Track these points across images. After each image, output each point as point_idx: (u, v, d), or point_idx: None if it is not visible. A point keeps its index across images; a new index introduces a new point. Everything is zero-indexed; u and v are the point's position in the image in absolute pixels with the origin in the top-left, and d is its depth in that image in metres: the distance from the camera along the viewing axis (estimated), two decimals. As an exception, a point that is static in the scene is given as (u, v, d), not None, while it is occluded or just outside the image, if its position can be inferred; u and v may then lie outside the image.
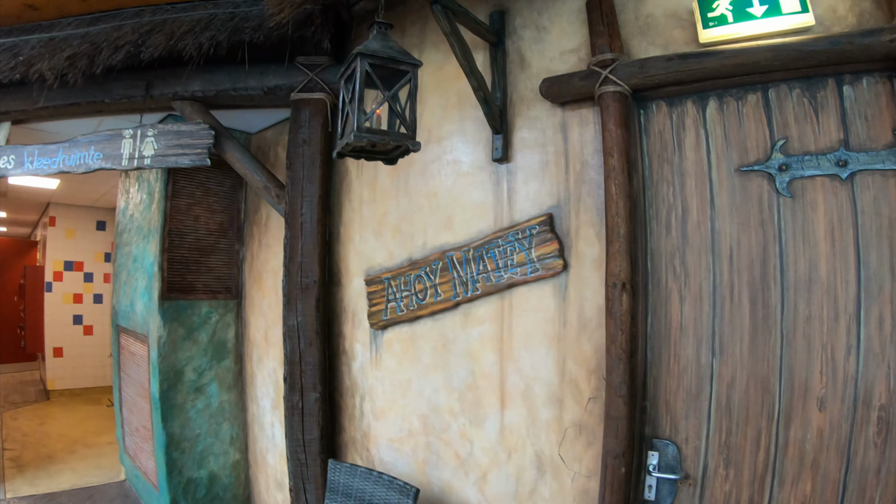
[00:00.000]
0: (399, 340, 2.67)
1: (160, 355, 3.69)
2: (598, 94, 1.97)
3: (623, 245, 1.86)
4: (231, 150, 3.16)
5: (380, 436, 2.76)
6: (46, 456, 5.93)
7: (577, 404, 2.04)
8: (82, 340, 8.98)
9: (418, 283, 2.55)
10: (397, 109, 1.79)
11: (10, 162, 3.57)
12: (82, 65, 3.11)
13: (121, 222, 4.82)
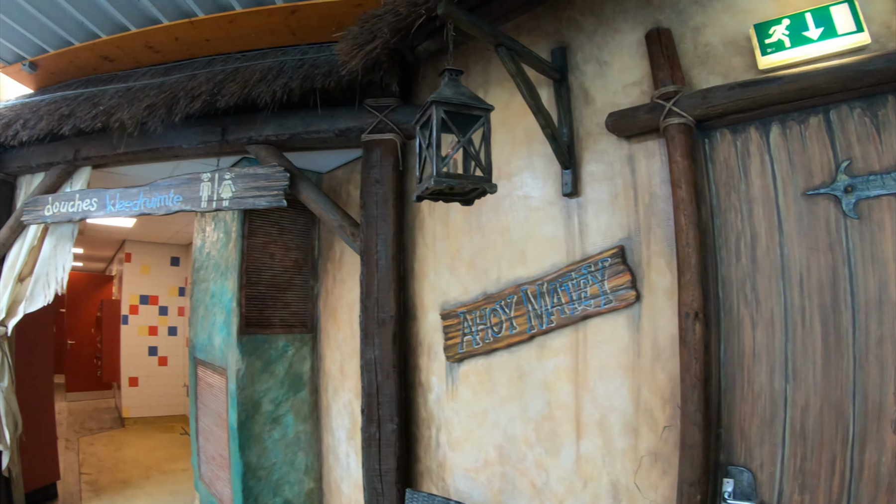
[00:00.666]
0: (475, 372, 2.85)
1: (239, 387, 4.00)
2: (662, 126, 2.12)
3: (694, 274, 1.99)
4: (306, 190, 3.45)
5: (455, 466, 2.93)
6: (122, 481, 6.38)
7: (652, 433, 2.16)
8: (157, 371, 9.74)
9: (494, 317, 2.73)
10: (472, 153, 1.99)
11: (92, 204, 3.97)
12: (161, 113, 3.47)
13: (197, 259, 5.23)
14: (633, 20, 2.38)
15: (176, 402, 9.87)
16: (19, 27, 3.79)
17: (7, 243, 4.49)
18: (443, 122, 1.91)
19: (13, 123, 4.04)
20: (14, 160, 4.49)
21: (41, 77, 4.44)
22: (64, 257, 4.43)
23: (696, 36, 2.18)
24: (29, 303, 4.42)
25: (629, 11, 2.39)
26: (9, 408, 4.45)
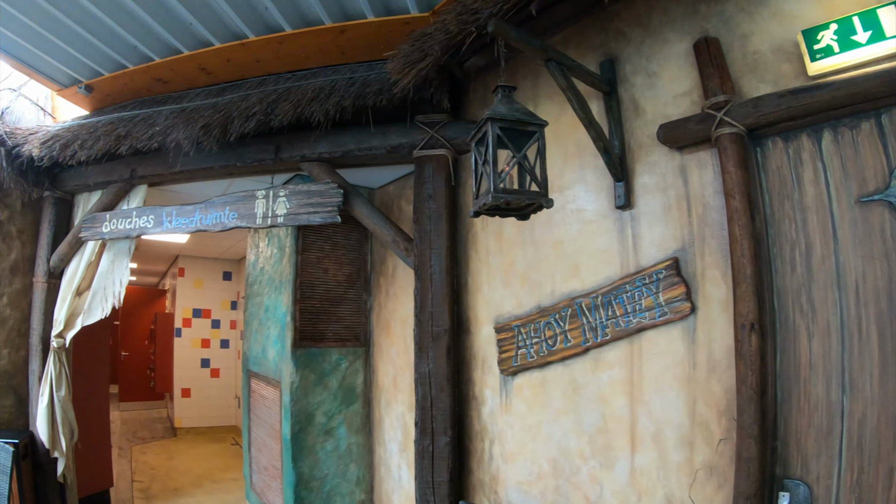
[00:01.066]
0: (529, 386, 2.93)
1: (292, 399, 4.19)
2: (714, 136, 2.18)
3: (750, 285, 2.04)
4: (359, 206, 3.61)
5: (508, 479, 3.01)
6: (174, 489, 6.67)
7: (707, 446, 2.20)
8: (209, 382, 10.24)
9: (548, 330, 2.81)
10: (527, 168, 2.09)
11: (149, 221, 4.23)
12: (216, 133, 3.66)
13: (251, 274, 5.48)
14: (680, 30, 2.44)
15: (227, 413, 10.35)
16: (75, 52, 4.02)
17: (66, 258, 4.80)
18: (498, 139, 2.02)
19: (71, 144, 4.29)
20: (72, 179, 4.82)
21: (96, 99, 4.70)
22: (121, 272, 4.68)
23: (745, 44, 2.23)
24: (87, 316, 4.69)
25: (676, 21, 2.46)
26: (65, 416, 4.70)
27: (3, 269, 4.92)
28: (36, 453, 4.66)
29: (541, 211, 2.20)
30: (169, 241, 8.32)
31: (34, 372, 4.84)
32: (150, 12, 3.48)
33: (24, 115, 4.88)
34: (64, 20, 3.60)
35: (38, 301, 4.90)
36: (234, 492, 6.59)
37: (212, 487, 6.80)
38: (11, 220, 5.00)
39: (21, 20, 3.61)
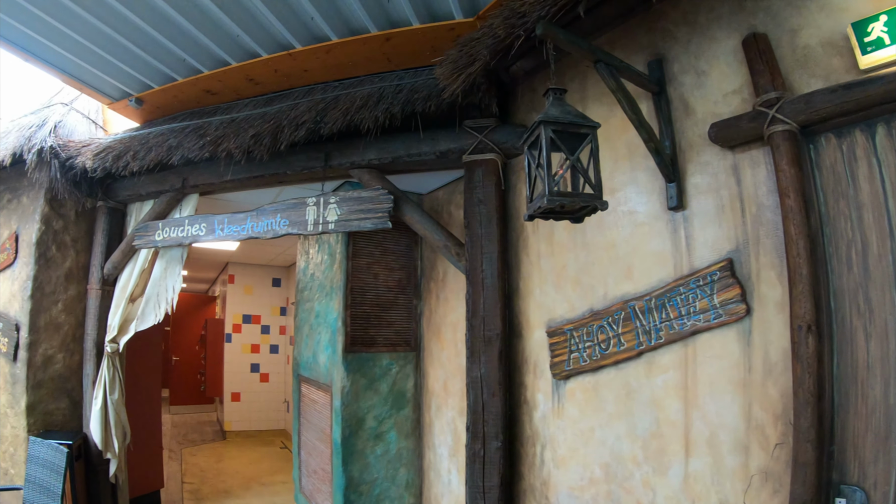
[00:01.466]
0: (582, 390, 2.99)
1: (343, 404, 4.36)
2: (766, 134, 2.20)
3: (806, 286, 2.05)
4: (409, 212, 3.73)
5: (559, 483, 3.07)
6: (223, 491, 6.94)
7: (762, 450, 2.22)
8: (258, 387, 10.68)
9: (601, 334, 2.86)
10: (581, 170, 2.15)
11: (201, 229, 4.43)
12: (266, 142, 3.84)
13: (301, 280, 5.69)
14: (727, 27, 2.48)
15: (276, 417, 10.79)
16: (125, 66, 4.24)
17: (119, 266, 5.08)
18: (551, 141, 2.09)
19: (123, 155, 4.53)
20: (124, 189, 5.09)
21: (147, 111, 4.94)
22: (174, 279, 4.92)
23: (793, 39, 2.25)
24: (140, 321, 4.95)
25: (723, 18, 2.50)
26: (118, 419, 4.96)
27: (59, 276, 5.23)
28: (89, 454, 4.94)
29: (595, 213, 2.25)
30: (219, 248, 8.65)
31: (88, 376, 5.10)
32: (197, 26, 3.66)
33: (77, 129, 5.16)
34: (114, 36, 3.81)
35: (93, 307, 5.17)
36: (282, 494, 6.83)
37: (260, 490, 7.06)
38: (66, 230, 5.31)
39: (72, 37, 3.84)
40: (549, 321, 3.20)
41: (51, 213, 5.20)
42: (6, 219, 5.53)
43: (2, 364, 5.26)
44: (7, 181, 5.60)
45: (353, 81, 4.11)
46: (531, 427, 3.30)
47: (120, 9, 3.51)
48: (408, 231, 4.64)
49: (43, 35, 3.85)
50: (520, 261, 3.46)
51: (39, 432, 4.90)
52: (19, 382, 5.03)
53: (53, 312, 5.19)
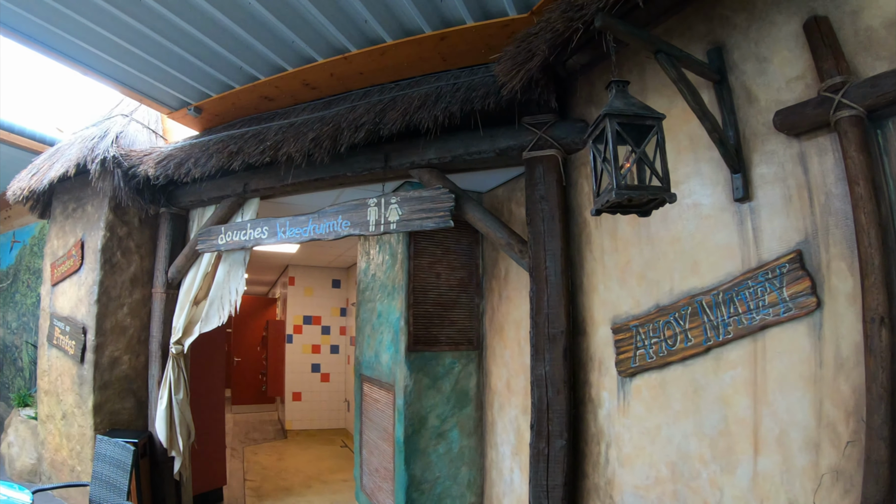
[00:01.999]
0: (648, 387, 3.01)
1: (406, 403, 4.49)
2: (833, 120, 2.18)
3: (879, 276, 2.03)
4: (471, 210, 3.82)
5: (624, 483, 3.11)
6: (284, 488, 7.19)
7: (833, 448, 2.20)
8: (319, 387, 11.13)
9: (667, 329, 2.89)
10: (648, 163, 2.18)
11: (263, 232, 4.63)
12: (326, 145, 3.99)
13: (362, 281, 5.86)
14: (786, 11, 2.46)
15: (336, 416, 11.20)
16: (183, 76, 4.46)
17: (183, 270, 5.38)
18: (617, 135, 2.13)
19: (185, 162, 4.80)
20: (186, 195, 5.40)
21: (205, 119, 5.18)
22: (237, 282, 5.18)
23: (855, 21, 2.22)
24: (204, 324, 5.23)
25: (781, 3, 2.48)
26: (183, 418, 5.24)
27: (124, 281, 5.59)
28: (154, 452, 5.25)
29: (662, 206, 2.29)
30: (279, 251, 8.98)
31: (153, 376, 5.44)
32: (253, 34, 3.83)
33: (137, 138, 5.51)
34: (171, 47, 4.02)
35: (158, 310, 5.51)
36: (343, 492, 7.04)
37: (321, 488, 7.30)
38: (130, 236, 5.67)
39: (130, 50, 4.06)
40: (613, 317, 3.23)
41: (115, 220, 5.55)
42: (72, 227, 5.91)
43: (69, 366, 5.61)
44: (72, 191, 5.97)
45: (408, 82, 4.23)
46: (596, 425, 3.34)
47: (176, 20, 3.70)
48: (469, 230, 4.72)
49: (101, 49, 4.09)
50: (583, 257, 3.51)
51: (106, 431, 5.22)
52: (86, 383, 5.35)
53: (119, 316, 5.52)
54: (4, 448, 6.98)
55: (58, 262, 6.00)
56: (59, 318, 5.82)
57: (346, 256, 9.95)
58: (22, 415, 7.05)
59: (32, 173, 5.88)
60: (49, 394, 5.93)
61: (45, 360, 6.06)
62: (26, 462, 6.50)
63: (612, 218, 3.25)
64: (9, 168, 7.21)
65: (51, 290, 6.11)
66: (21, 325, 9.21)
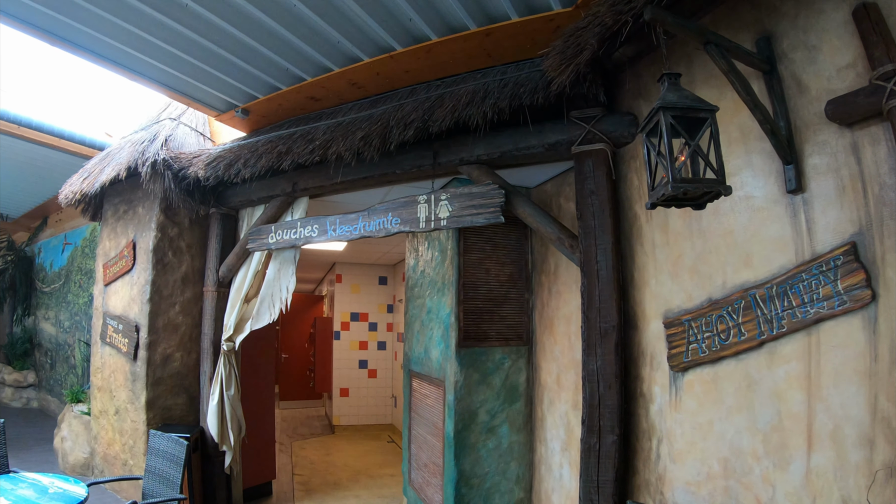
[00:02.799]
0: (700, 382, 3.07)
1: (456, 398, 4.62)
2: (885, 109, 2.19)
3: None
4: (521, 205, 3.93)
5: (675, 479, 3.17)
6: (332, 483, 7.46)
7: (888, 444, 2.22)
8: (366, 382, 11.50)
9: (720, 324, 2.93)
10: (702, 155, 2.24)
11: (314, 230, 4.84)
12: (375, 143, 4.16)
13: (411, 278, 6.03)
14: None
15: (384, 411, 11.58)
16: (229, 78, 4.66)
17: (233, 269, 5.66)
18: (671, 127, 2.19)
19: (234, 163, 5.05)
20: (236, 196, 5.69)
21: (253, 121, 5.44)
22: (287, 279, 5.41)
23: None
24: (255, 321, 5.50)
25: None
26: (234, 413, 5.52)
27: (175, 280, 5.90)
28: (205, 447, 5.55)
29: (717, 199, 2.35)
30: (326, 249, 9.26)
31: (205, 373, 5.71)
32: (299, 35, 3.99)
33: (186, 141, 5.82)
34: (217, 50, 4.21)
35: (209, 308, 5.80)
36: (390, 486, 7.28)
37: (368, 482, 7.53)
38: (181, 237, 6.00)
39: (176, 54, 4.27)
40: (665, 312, 3.30)
41: (166, 221, 5.89)
42: (123, 228, 6.29)
43: (122, 363, 5.96)
44: (123, 194, 6.35)
45: (454, 79, 4.34)
46: (647, 420, 3.41)
47: (221, 24, 3.88)
48: (518, 225, 4.83)
49: (149, 55, 4.31)
50: (633, 251, 3.58)
51: (158, 426, 5.57)
52: (139, 380, 5.69)
53: (171, 314, 5.86)
54: (58, 443, 7.45)
55: (110, 263, 6.36)
56: (112, 317, 6.16)
57: (393, 254, 10.19)
58: (75, 410, 7.52)
59: (84, 177, 6.22)
60: (102, 390, 6.28)
61: (99, 357, 6.39)
62: (79, 456, 6.93)
63: (664, 211, 3.31)
64: (60, 172, 7.63)
65: (103, 290, 6.45)
66: (73, 324, 9.67)
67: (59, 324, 10.21)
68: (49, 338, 10.64)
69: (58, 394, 9.85)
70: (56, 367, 10.17)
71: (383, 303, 11.91)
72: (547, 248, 4.74)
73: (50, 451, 7.68)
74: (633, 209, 3.60)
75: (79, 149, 7.83)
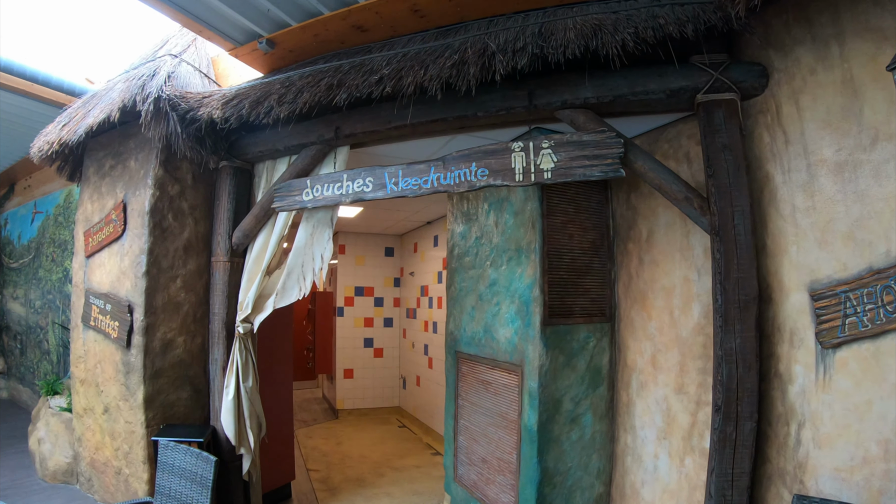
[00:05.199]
0: (857, 359, 3.14)
1: (541, 385, 4.59)
2: None
3: None
4: (640, 158, 3.82)
5: (820, 465, 3.26)
6: (355, 479, 7.48)
7: None
8: (372, 363, 11.65)
9: (886, 295, 3.01)
10: None
11: (367, 184, 4.42)
12: (473, 71, 3.75)
13: (458, 246, 5.97)
14: None
15: (390, 394, 11.76)
16: None
17: (251, 234, 5.20)
18: None
19: (263, 100, 4.51)
20: (255, 145, 5.20)
21: (275, 57, 5.05)
22: (322, 245, 5.01)
23: None
24: (280, 297, 5.06)
25: None
26: (253, 409, 5.12)
27: (177, 248, 5.38)
28: (219, 450, 5.10)
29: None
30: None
31: (216, 361, 5.27)
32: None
33: (190, 82, 5.25)
34: None
35: (220, 283, 5.31)
36: (421, 481, 7.36)
37: (395, 476, 7.61)
38: (182, 196, 5.47)
39: None
40: (811, 283, 3.36)
41: (165, 176, 5.35)
42: (110, 187, 5.74)
43: (111, 351, 5.48)
44: (109, 146, 5.83)
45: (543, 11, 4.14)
46: (783, 404, 3.49)
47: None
48: (598, 186, 4.86)
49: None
50: (765, 215, 3.63)
51: (160, 428, 5.15)
52: (134, 371, 5.20)
53: (172, 290, 5.36)
54: (34, 444, 7.02)
55: (93, 230, 5.84)
56: (96, 296, 5.69)
57: (407, 222, 10.20)
58: (53, 406, 7.15)
59: (63, 123, 5.69)
60: (86, 384, 5.85)
61: (81, 344, 5.94)
62: (61, 461, 6.48)
63: (807, 173, 3.38)
64: (30, 128, 7.27)
65: (85, 263, 5.97)
66: (46, 304, 9.47)
67: (29, 304, 10.05)
68: (18, 319, 10.46)
69: (30, 383, 9.72)
70: (27, 353, 10.01)
71: (390, 276, 11.97)
72: (636, 213, 4.78)
73: (24, 454, 7.43)
74: (763, 169, 3.64)
75: (55, 95, 7.11)
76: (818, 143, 3.33)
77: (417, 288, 10.94)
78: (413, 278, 11.23)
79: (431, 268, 10.19)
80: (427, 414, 10.21)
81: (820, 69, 3.33)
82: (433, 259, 10.11)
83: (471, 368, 5.65)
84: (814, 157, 3.35)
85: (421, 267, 10.76)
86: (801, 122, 3.41)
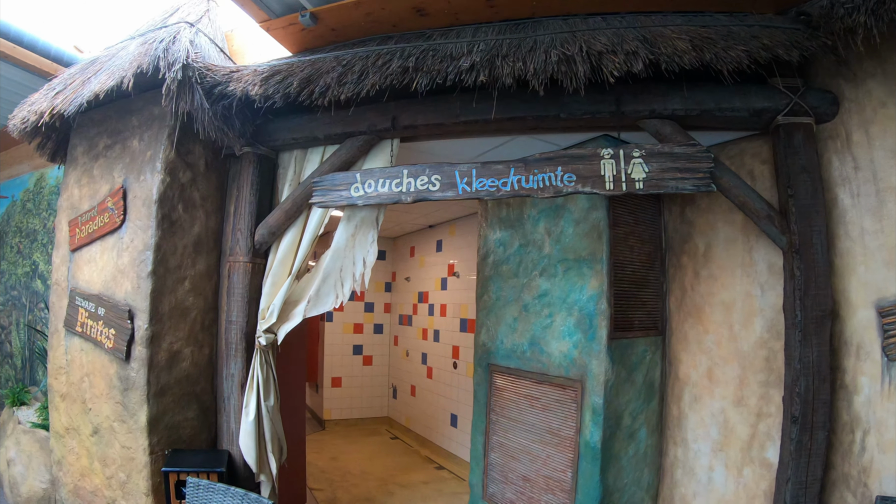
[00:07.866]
0: None
1: (606, 401, 4.97)
2: None
3: None
4: (725, 174, 4.33)
5: (885, 468, 3.96)
6: (364, 498, 7.83)
7: None
8: (361, 371, 12.27)
9: (947, 312, 3.76)
10: None
11: (433, 182, 4.43)
12: (584, 70, 3.95)
13: (494, 252, 6.38)
14: None
15: (379, 403, 12.42)
16: None
17: (278, 232, 5.09)
18: None
19: (318, 78, 4.44)
20: (285, 131, 5.14)
21: (314, 35, 4.93)
22: (365, 248, 4.98)
23: None
24: (313, 305, 5.05)
25: None
26: (274, 431, 5.03)
27: (185, 245, 5.14)
28: (236, 478, 4.99)
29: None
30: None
31: (233, 377, 5.13)
32: None
33: (208, 55, 5.01)
34: None
35: (239, 286, 5.14)
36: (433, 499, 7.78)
37: (404, 495, 8.00)
38: (194, 184, 5.24)
39: None
40: (878, 300, 4.11)
41: (177, 160, 5.09)
42: (104, 170, 5.45)
43: (104, 363, 5.17)
44: (104, 122, 5.54)
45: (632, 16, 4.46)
46: (849, 413, 4.23)
47: None
48: (652, 199, 5.48)
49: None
50: (835, 236, 4.36)
51: (166, 454, 4.90)
52: (135, 388, 4.90)
53: (179, 294, 5.11)
54: (3, 466, 6.79)
55: (82, 219, 5.53)
56: (84, 297, 5.36)
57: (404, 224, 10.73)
58: (23, 421, 6.90)
59: (57, 90, 5.33)
60: (69, 399, 5.53)
61: (62, 352, 5.60)
62: (35, 487, 6.26)
63: (876, 198, 4.14)
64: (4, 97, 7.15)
65: (69, 258, 5.66)
66: (9, 301, 9.41)
67: (-12, 301, 9.72)
68: (-25, 318, 10.07)
69: (-9, 392, 9.40)
70: (-16, 357, 9.67)
71: (381, 280, 12.57)
72: (692, 226, 5.41)
73: (-9, 475, 7.10)
74: (832, 191, 4.37)
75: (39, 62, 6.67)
76: (887, 172, 4.06)
77: (414, 294, 11.42)
78: (409, 283, 11.71)
79: (433, 274, 10.62)
80: (423, 425, 10.68)
81: (890, 104, 4.07)
82: (436, 265, 10.57)
83: (510, 383, 5.93)
84: (882, 184, 4.08)
85: (419, 273, 11.24)
86: (870, 150, 4.15)
